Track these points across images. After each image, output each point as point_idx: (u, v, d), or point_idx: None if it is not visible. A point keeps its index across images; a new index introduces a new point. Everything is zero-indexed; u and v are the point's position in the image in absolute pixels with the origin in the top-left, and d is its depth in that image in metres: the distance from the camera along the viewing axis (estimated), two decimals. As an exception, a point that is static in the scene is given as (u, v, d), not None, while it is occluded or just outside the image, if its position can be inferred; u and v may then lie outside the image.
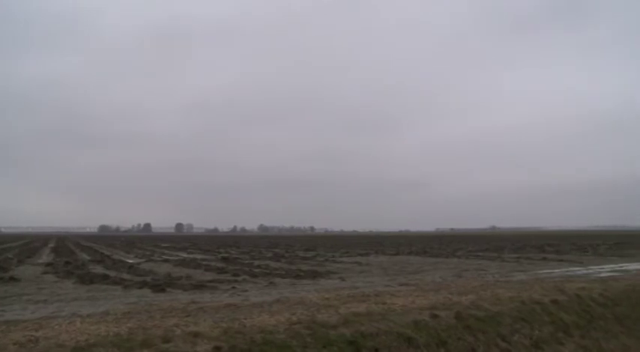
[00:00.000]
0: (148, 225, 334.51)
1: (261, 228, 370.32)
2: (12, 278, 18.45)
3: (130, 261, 30.16)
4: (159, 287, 15.95)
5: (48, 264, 26.22)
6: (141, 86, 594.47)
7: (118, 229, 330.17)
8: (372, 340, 9.07)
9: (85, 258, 33.02)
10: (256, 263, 28.27)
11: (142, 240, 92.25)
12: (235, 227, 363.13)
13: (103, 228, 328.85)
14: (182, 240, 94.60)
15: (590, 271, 21.79)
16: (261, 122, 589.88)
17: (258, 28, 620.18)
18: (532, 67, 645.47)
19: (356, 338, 8.95)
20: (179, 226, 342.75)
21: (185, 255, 38.05)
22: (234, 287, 16.09)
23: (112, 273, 20.96)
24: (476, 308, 11.68)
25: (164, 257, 35.61)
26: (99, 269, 23.14)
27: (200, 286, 16.43)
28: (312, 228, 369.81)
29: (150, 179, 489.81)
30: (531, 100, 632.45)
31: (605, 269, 22.50)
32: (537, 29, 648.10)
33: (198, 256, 36.58)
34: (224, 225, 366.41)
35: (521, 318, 11.79)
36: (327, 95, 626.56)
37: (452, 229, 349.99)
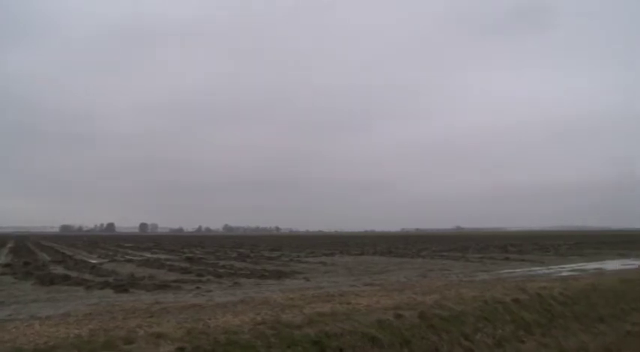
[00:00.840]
0: (111, 225, 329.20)
1: (227, 228, 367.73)
2: (-32, 280, 18.00)
3: (93, 261, 29.69)
4: (122, 287, 15.75)
5: (6, 265, 25.59)
6: (104, 85, 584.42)
7: (80, 229, 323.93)
8: (336, 340, 9.09)
9: (46, 259, 32.38)
10: (221, 263, 28.13)
11: (105, 240, 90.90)
12: (200, 227, 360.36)
13: (64, 227, 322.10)
14: (146, 240, 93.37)
15: (551, 271, 22.25)
16: (226, 122, 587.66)
17: (221, 29, 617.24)
18: (497, 70, 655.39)
19: (320, 338, 8.96)
20: (143, 226, 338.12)
21: (149, 255, 37.64)
22: (198, 288, 15.98)
23: (73, 274, 20.59)
24: (440, 308, 11.79)
25: (127, 257, 35.17)
26: (60, 270, 22.71)
27: (164, 286, 16.28)
28: (277, 228, 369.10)
29: (113, 178, 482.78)
30: (496, 103, 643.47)
31: (566, 269, 23.00)
32: (504, 33, 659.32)
33: (162, 256, 36.24)
34: (189, 225, 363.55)
35: (484, 317, 11.96)
36: (292, 96, 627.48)
37: (417, 229, 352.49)
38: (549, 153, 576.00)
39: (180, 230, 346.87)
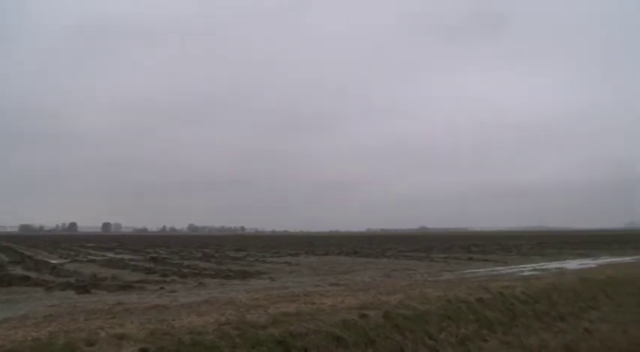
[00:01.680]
0: (73, 225, 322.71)
1: (191, 227, 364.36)
2: None
3: (54, 262, 29.09)
4: (83, 288, 15.50)
5: (-39, 267, 24.91)
6: (67, 85, 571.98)
7: (41, 229, 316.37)
8: (301, 340, 9.11)
9: (4, 259, 31.64)
10: (185, 263, 27.92)
11: (67, 240, 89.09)
12: (165, 226, 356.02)
13: (24, 227, 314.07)
14: (109, 240, 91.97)
15: (514, 270, 22.62)
16: (190, 122, 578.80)
17: (187, 28, 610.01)
18: (461, 72, 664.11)
19: (285, 338, 8.96)
20: (106, 226, 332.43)
21: (112, 255, 37.09)
22: (162, 288, 15.84)
23: (33, 275, 20.14)
24: (404, 308, 11.89)
25: (90, 257, 34.58)
26: (19, 271, 22.19)
27: (127, 287, 16.08)
28: (242, 228, 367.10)
29: (76, 177, 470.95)
30: (460, 104, 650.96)
31: (528, 269, 23.42)
32: (463, 39, 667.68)
33: (126, 256, 35.76)
34: (153, 225, 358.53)
35: (447, 317, 12.10)
36: (256, 96, 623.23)
37: (382, 229, 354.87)
38: (513, 154, 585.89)
39: (145, 230, 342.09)
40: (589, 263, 27.57)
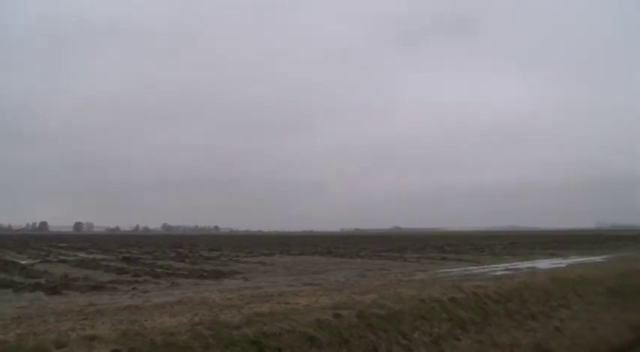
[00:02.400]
0: (44, 224, 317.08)
1: (165, 227, 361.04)
2: None
3: (23, 262, 28.61)
4: (54, 289, 15.27)
5: None
6: (34, 84, 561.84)
7: (10, 228, 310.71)
8: (275, 339, 9.09)
9: (-28, 259, 30.98)
10: (159, 263, 27.71)
11: (38, 240, 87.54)
12: (138, 226, 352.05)
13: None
14: (81, 240, 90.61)
15: (487, 270, 22.89)
16: (165, 121, 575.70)
17: (158, 28, 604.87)
18: (433, 73, 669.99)
19: (259, 338, 8.94)
20: (78, 225, 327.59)
21: (84, 255, 36.59)
22: (135, 288, 15.70)
23: (0, 276, 19.78)
24: (378, 307, 11.95)
25: (61, 257, 34.04)
26: (-14, 272, 21.78)
27: (99, 287, 15.91)
28: (216, 228, 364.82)
29: (47, 176, 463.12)
30: (434, 106, 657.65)
31: (500, 268, 23.71)
32: (437, 40, 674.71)
33: (98, 256, 35.33)
34: (126, 224, 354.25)
35: (421, 316, 12.19)
36: (231, 95, 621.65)
37: (356, 229, 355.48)
38: (487, 155, 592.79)
39: (117, 229, 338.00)
40: (560, 262, 28.03)
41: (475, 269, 23.58)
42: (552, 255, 35.23)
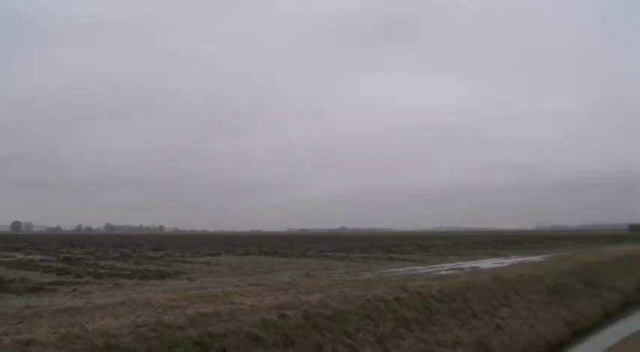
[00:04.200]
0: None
1: (108, 226, 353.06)
2: None
3: (-44, 263, 27.41)
4: (-12, 291, 14.69)
5: None
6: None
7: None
8: (219, 340, 9.03)
9: None
10: (101, 263, 27.05)
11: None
12: (80, 225, 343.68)
13: None
14: (19, 240, 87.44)
15: (431, 270, 23.27)
16: (107, 119, 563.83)
17: (111, 26, 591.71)
18: (375, 76, 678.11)
19: (203, 339, 8.86)
20: (16, 224, 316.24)
21: (21, 256, 35.21)
22: (75, 290, 15.28)
23: None
24: (323, 307, 12.01)
25: (-4, 258, 32.77)
26: None
27: (37, 289, 15.40)
28: (161, 228, 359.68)
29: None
30: (379, 109, 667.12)
31: (445, 268, 24.15)
32: (378, 43, 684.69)
33: (37, 257, 34.15)
34: (68, 224, 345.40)
35: (366, 316, 12.32)
36: (174, 95, 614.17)
37: (302, 229, 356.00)
38: (430, 157, 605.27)
39: (58, 229, 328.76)
40: (502, 262, 28.80)
41: (420, 269, 23.94)
42: (494, 255, 36.15)
